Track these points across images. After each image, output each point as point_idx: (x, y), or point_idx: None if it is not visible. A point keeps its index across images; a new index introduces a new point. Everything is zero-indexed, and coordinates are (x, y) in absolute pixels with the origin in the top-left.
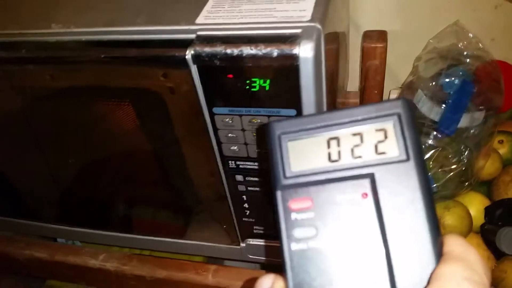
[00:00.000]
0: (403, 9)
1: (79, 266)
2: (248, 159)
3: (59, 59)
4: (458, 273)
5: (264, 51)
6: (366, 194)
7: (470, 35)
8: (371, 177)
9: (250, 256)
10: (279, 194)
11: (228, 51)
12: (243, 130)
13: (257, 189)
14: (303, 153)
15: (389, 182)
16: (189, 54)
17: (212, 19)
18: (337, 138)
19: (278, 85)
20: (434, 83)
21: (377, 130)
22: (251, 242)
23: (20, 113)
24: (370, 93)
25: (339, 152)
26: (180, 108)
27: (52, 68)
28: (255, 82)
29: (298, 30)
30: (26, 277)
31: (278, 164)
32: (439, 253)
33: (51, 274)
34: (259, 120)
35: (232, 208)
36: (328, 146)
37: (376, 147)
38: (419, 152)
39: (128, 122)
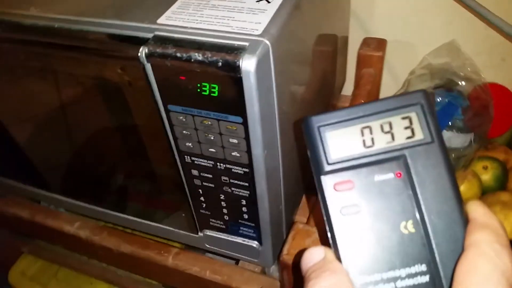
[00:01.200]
0: (415, 19)
1: (56, 229)
2: (201, 156)
3: (32, 42)
4: (488, 238)
5: (210, 59)
6: (400, 173)
7: (464, 56)
8: (403, 158)
9: (208, 246)
10: (324, 178)
11: (178, 54)
12: (196, 129)
13: (211, 185)
14: (340, 142)
15: (419, 161)
16: (142, 52)
17: (173, 20)
18: (369, 127)
19: (225, 92)
20: None
21: (403, 118)
22: (207, 233)
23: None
24: (357, 101)
25: (372, 139)
26: (138, 101)
27: (26, 50)
28: (205, 86)
29: (246, 43)
30: (16, 233)
31: (320, 153)
32: (465, 220)
33: (32, 233)
34: (209, 122)
35: (190, 199)
36: (362, 134)
37: (404, 132)
38: (441, 135)
39: (96, 108)
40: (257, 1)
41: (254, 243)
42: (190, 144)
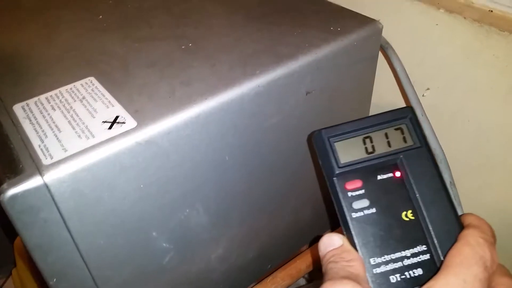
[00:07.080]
0: None
1: None
2: None
3: None
4: (475, 234)
5: None
6: (398, 172)
7: None
8: (400, 160)
9: None
10: (335, 180)
11: None
12: None
13: None
14: (347, 149)
15: (412, 162)
16: None
17: (22, 111)
18: (369, 137)
19: None
20: None
21: (396, 129)
22: None
23: None
24: None
25: (373, 146)
26: None
27: None
28: None
29: (26, 168)
30: None
31: (331, 159)
32: (461, 224)
33: None
34: None
35: None
36: (364, 143)
37: (398, 140)
38: (427, 141)
39: None
40: (103, 122)
41: None
42: None
